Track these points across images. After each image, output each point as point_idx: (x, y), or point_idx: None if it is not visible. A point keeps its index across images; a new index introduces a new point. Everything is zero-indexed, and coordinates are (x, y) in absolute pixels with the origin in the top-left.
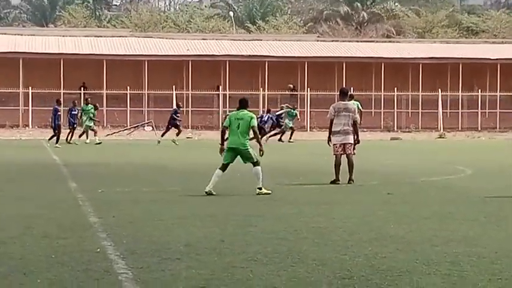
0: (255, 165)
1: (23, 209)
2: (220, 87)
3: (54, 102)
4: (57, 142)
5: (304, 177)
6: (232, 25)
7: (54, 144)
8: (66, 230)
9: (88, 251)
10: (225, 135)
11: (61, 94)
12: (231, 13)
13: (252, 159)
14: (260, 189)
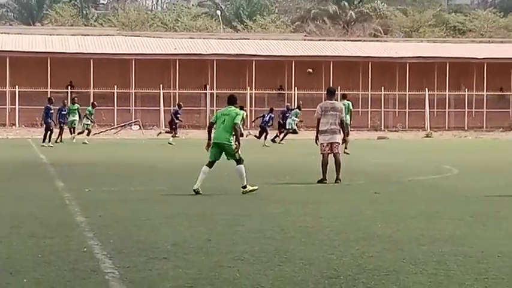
0: (238, 163)
1: (10, 209)
2: (208, 86)
3: (46, 101)
4: (49, 141)
5: (291, 176)
6: (220, 24)
7: (47, 143)
8: (53, 229)
9: (75, 251)
10: (211, 131)
11: (48, 93)
12: (218, 12)
13: (235, 156)
14: (244, 188)
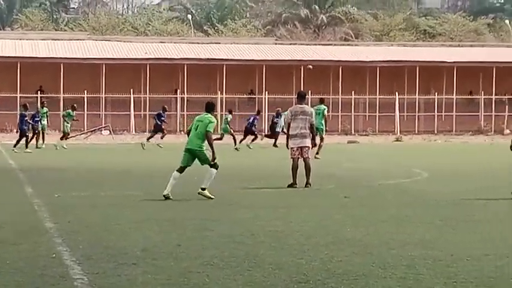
0: (212, 167)
1: None
2: (178, 91)
3: (20, 108)
4: (26, 147)
5: (262, 181)
6: (191, 28)
7: (24, 150)
8: (22, 235)
9: (44, 257)
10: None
11: (18, 98)
12: (189, 16)
13: (208, 161)
14: (203, 190)
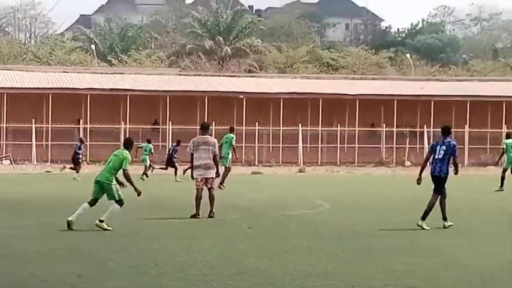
0: (117, 203)
1: None
2: (81, 121)
3: None
4: None
5: (167, 211)
6: (94, 58)
7: None
8: None
9: None
10: None
11: None
12: (93, 46)
13: (114, 197)
14: (101, 222)
